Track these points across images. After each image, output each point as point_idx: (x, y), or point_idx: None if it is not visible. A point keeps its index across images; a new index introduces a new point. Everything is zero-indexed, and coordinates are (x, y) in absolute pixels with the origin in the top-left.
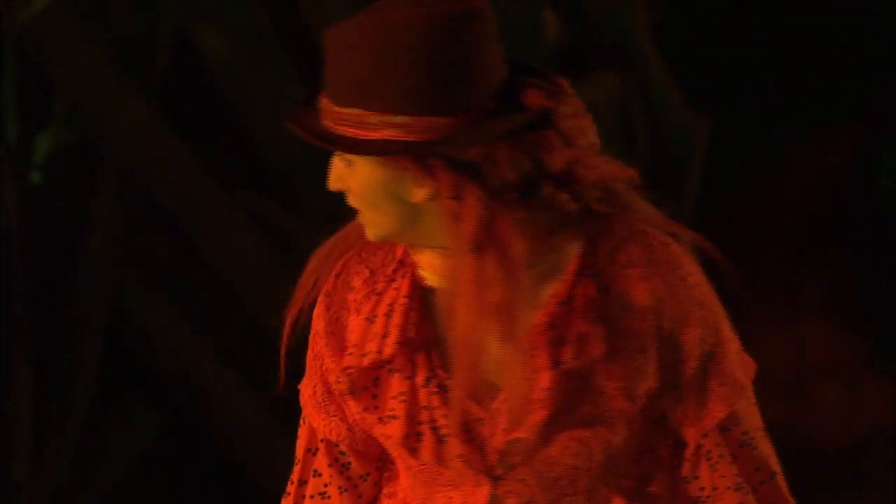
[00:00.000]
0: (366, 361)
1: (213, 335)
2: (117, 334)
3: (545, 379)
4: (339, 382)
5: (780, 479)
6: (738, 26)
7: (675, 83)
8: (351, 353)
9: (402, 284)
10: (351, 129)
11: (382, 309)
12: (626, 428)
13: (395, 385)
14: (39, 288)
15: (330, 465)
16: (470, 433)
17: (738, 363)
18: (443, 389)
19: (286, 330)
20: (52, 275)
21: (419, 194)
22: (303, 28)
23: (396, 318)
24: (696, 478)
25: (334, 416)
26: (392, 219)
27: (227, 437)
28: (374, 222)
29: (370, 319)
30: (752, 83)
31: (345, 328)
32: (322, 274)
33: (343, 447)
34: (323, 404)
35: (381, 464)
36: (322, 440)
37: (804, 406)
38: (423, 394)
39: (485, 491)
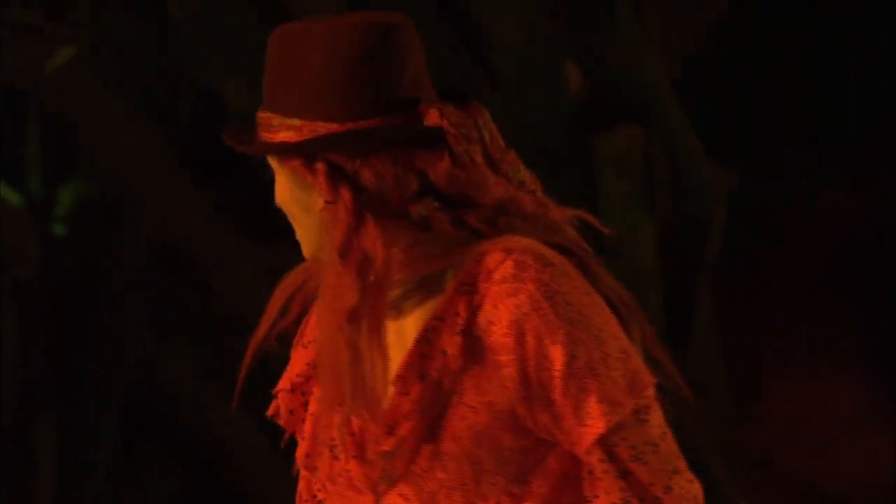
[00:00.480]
0: (286, 384)
1: (234, 386)
2: (139, 385)
3: (414, 391)
4: (269, 408)
5: (674, 497)
6: (760, 80)
7: (697, 137)
8: (282, 379)
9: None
10: (262, 133)
11: (312, 335)
12: (492, 442)
13: (310, 406)
14: (61, 339)
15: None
16: (357, 448)
17: (620, 381)
18: (340, 409)
19: (247, 356)
20: (75, 326)
21: (319, 203)
22: None
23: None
24: (596, 496)
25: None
26: (309, 230)
27: (246, 484)
28: (300, 236)
29: (304, 346)
30: (776, 136)
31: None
32: (290, 302)
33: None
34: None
35: None
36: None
37: (834, 458)
38: (327, 414)
39: None
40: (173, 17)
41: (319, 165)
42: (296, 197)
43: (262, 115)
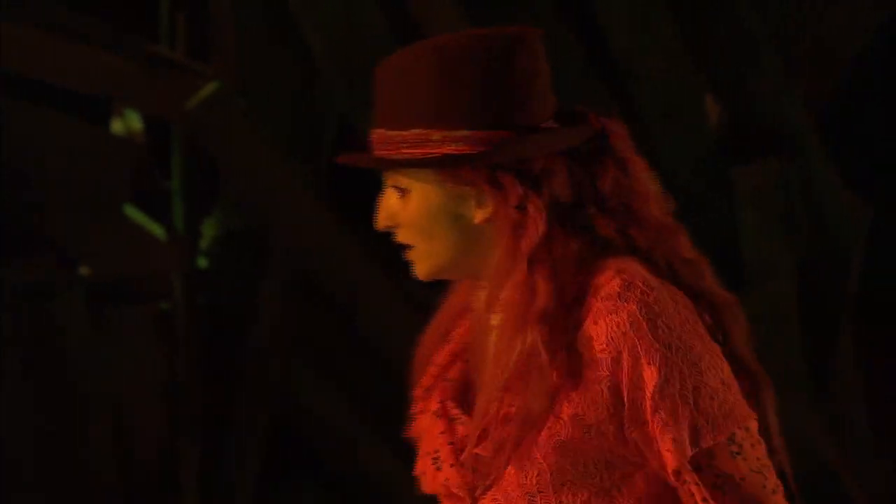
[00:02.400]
0: (416, 407)
1: (377, 418)
2: (284, 416)
3: (507, 404)
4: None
5: None
6: None
7: (837, 169)
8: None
9: (461, 326)
10: (413, 150)
11: (439, 357)
12: (576, 455)
13: (422, 422)
14: (205, 368)
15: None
16: (455, 456)
17: (716, 410)
18: (445, 418)
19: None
20: (218, 356)
21: (480, 214)
22: None
23: (441, 364)
24: None
25: None
26: (447, 246)
27: None
28: (427, 254)
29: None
30: None
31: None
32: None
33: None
34: None
35: None
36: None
37: None
38: (434, 425)
39: None
40: (313, 50)
41: (502, 174)
42: (442, 211)
43: (406, 134)
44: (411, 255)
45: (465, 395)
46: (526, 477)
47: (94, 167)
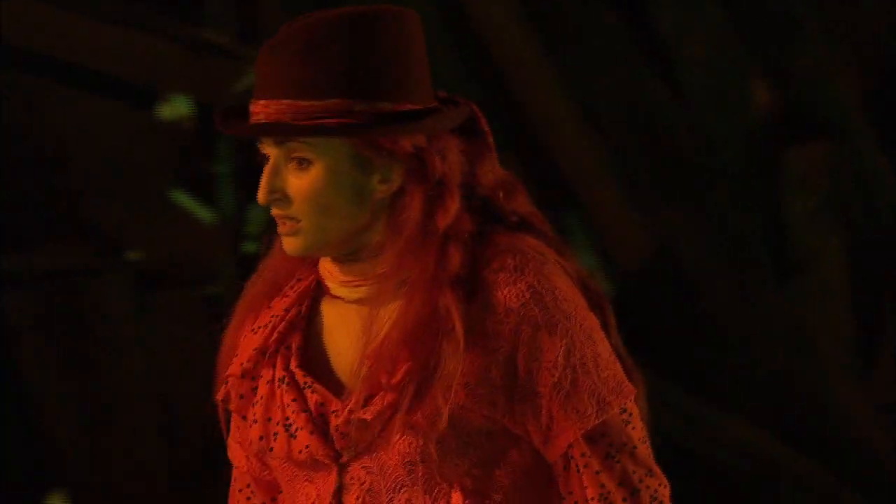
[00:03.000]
0: (236, 369)
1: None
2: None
3: (401, 370)
4: (218, 392)
5: (644, 497)
6: None
7: (887, 153)
8: (232, 363)
9: (289, 296)
10: (334, 120)
11: (264, 320)
12: (460, 424)
13: (259, 390)
14: None
15: (240, 491)
16: (317, 424)
17: (611, 381)
18: (294, 386)
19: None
20: None
21: (383, 188)
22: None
23: (272, 328)
24: (570, 493)
25: (236, 441)
26: (341, 221)
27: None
28: (315, 228)
29: (253, 331)
30: None
31: (228, 351)
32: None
33: (247, 476)
34: (231, 429)
35: (277, 493)
36: (235, 466)
37: None
38: (277, 393)
39: (332, 479)
40: None
41: (406, 145)
42: (346, 184)
43: (324, 103)
44: (292, 229)
45: (310, 364)
46: (409, 445)
47: (142, 152)
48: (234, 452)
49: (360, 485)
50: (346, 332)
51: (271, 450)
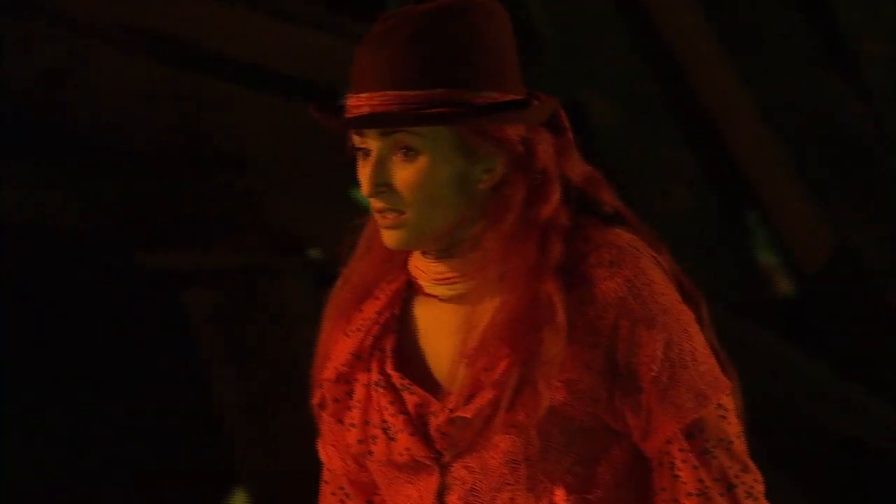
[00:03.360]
0: (331, 373)
1: None
2: None
3: (502, 366)
4: (314, 397)
5: (740, 493)
6: None
7: None
8: (326, 368)
9: (380, 298)
10: (443, 109)
11: (356, 324)
12: (563, 421)
13: (357, 394)
14: None
15: (333, 494)
16: (416, 426)
17: (707, 375)
18: (392, 389)
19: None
20: None
21: (487, 179)
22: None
23: (365, 331)
24: (664, 489)
25: (330, 444)
26: (446, 212)
27: None
28: (421, 219)
29: (347, 335)
30: None
31: (323, 357)
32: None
33: (342, 478)
34: (323, 432)
35: (375, 495)
36: (328, 469)
37: None
38: (374, 397)
39: (434, 480)
40: (540, 31)
41: (512, 134)
42: (453, 175)
43: (431, 93)
44: (396, 221)
45: (407, 366)
46: (511, 443)
47: (321, 151)
48: (328, 454)
49: (463, 485)
50: (441, 331)
51: (371, 453)
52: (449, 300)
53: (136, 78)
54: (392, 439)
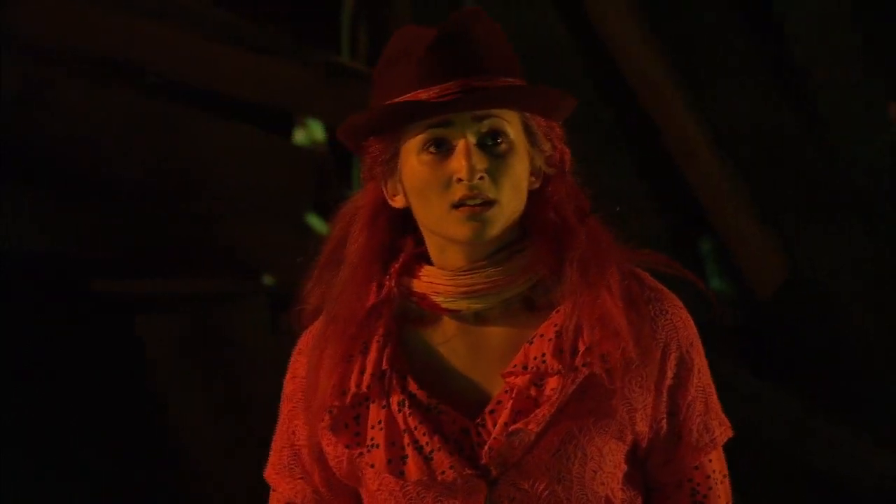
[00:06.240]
0: (347, 399)
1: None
2: None
3: (553, 382)
4: (321, 421)
5: None
6: None
7: None
8: (332, 394)
9: (377, 325)
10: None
11: (358, 348)
12: (613, 438)
13: (373, 415)
14: None
15: None
16: (459, 443)
17: (719, 406)
18: (420, 409)
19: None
20: None
21: (535, 182)
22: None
23: (371, 355)
24: None
25: (299, 478)
26: (521, 204)
27: None
28: (508, 210)
29: (348, 359)
30: None
31: (317, 385)
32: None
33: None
34: (288, 468)
35: None
36: (287, 503)
37: None
38: (399, 418)
39: (481, 497)
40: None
41: (559, 128)
42: (524, 159)
43: (509, 81)
44: (487, 213)
45: (431, 385)
46: (559, 461)
47: (277, 177)
48: (297, 489)
49: (510, 502)
50: (460, 348)
51: (402, 473)
52: (469, 317)
53: (96, 105)
54: (428, 458)
